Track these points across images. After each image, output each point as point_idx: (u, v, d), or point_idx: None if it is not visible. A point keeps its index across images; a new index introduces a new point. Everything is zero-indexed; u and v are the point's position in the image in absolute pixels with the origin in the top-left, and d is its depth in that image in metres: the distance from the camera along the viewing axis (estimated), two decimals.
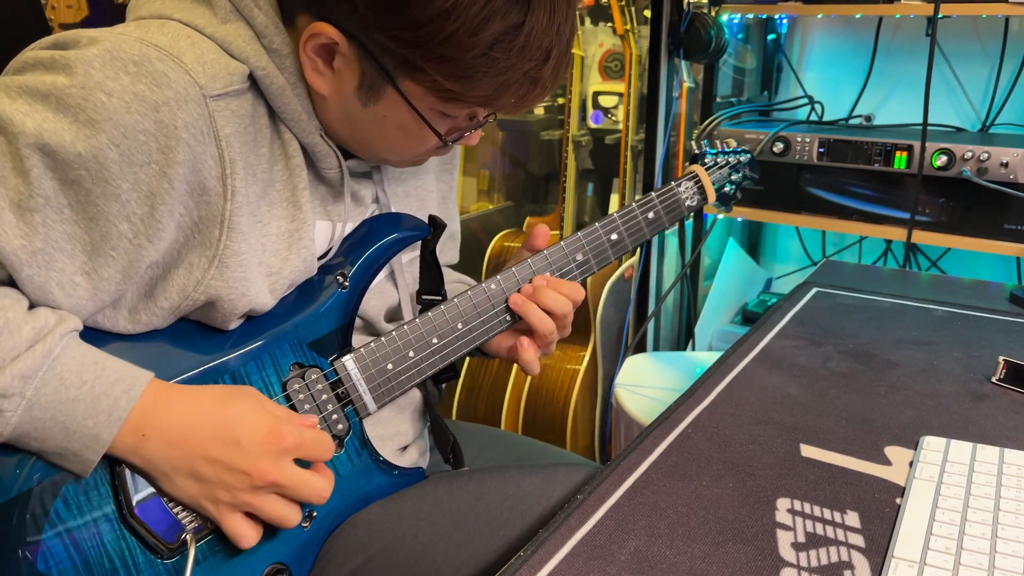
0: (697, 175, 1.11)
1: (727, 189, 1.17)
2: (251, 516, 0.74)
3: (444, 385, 1.03)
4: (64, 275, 0.68)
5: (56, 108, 0.65)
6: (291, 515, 0.75)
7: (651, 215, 1.03)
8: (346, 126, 0.81)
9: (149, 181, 0.68)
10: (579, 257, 0.97)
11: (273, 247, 0.78)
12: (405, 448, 0.97)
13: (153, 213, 0.69)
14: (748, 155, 1.20)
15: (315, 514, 0.82)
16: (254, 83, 0.75)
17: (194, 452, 0.71)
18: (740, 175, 1.19)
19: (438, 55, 0.71)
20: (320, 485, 0.75)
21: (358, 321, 0.89)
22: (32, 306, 0.68)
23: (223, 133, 0.71)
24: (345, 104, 0.79)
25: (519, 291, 0.92)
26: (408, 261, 0.96)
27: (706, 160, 1.15)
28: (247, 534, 0.73)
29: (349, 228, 0.88)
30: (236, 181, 0.72)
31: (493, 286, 0.91)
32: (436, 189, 1.01)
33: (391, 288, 0.93)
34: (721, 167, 1.15)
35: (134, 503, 0.71)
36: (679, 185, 1.08)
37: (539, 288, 0.91)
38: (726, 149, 1.18)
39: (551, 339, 0.93)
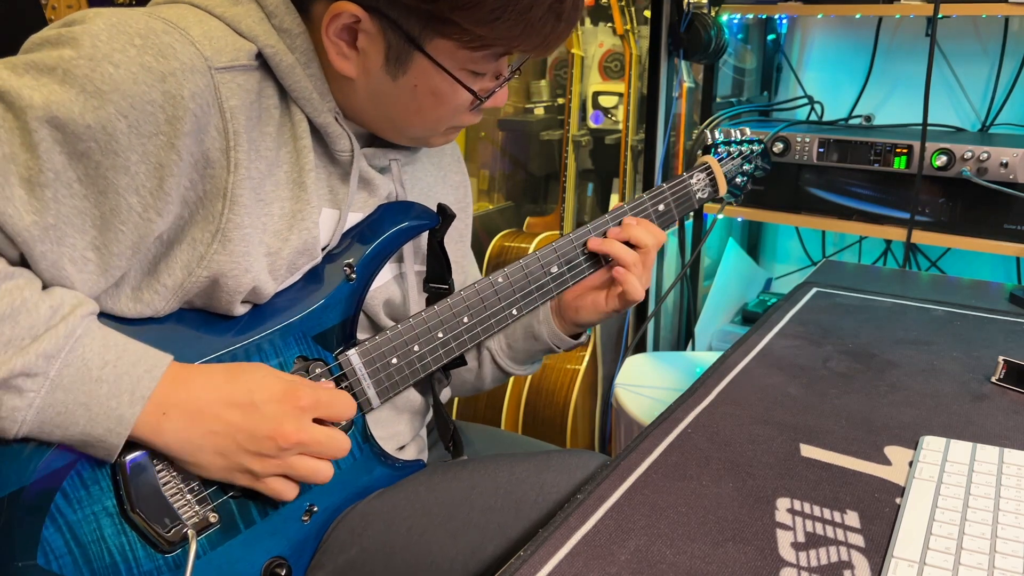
0: (710, 166, 1.09)
1: (739, 180, 1.15)
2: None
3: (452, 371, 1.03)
4: (76, 250, 0.68)
5: (63, 80, 0.65)
6: (324, 469, 0.77)
7: (661, 207, 1.02)
8: (377, 107, 0.82)
9: (157, 152, 0.68)
10: (589, 250, 0.97)
11: (275, 227, 0.78)
12: (403, 447, 0.97)
13: (162, 185, 0.69)
14: (761, 145, 1.18)
15: (315, 508, 0.82)
16: (264, 63, 0.76)
17: (214, 423, 0.72)
18: (752, 166, 1.17)
19: (463, 1, 0.73)
20: (341, 438, 0.78)
21: (364, 313, 0.89)
22: (45, 286, 0.69)
23: (228, 105, 0.71)
24: (374, 83, 0.79)
25: (604, 236, 0.99)
26: (416, 251, 0.96)
27: (719, 150, 1.13)
28: (286, 490, 0.76)
29: (356, 216, 0.87)
30: (239, 154, 0.73)
31: (500, 279, 0.91)
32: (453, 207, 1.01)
33: (398, 279, 0.93)
34: (734, 158, 1.14)
35: (134, 497, 0.71)
36: (691, 177, 1.07)
37: (628, 224, 0.98)
38: (739, 138, 1.16)
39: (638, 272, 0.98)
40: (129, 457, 0.71)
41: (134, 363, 0.69)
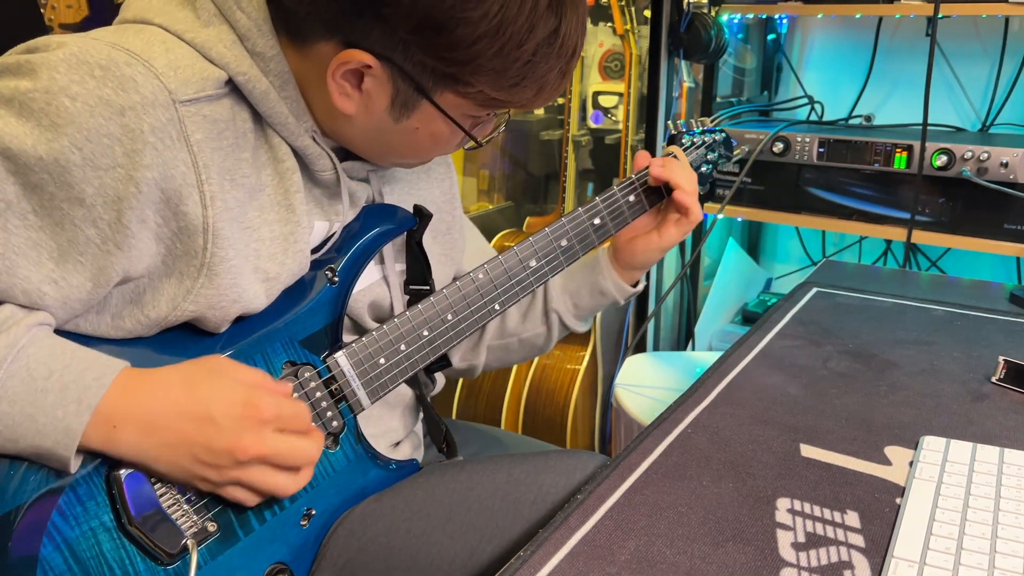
0: (675, 156, 1.11)
1: (704, 169, 1.17)
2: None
3: (437, 374, 1.03)
4: (30, 283, 0.67)
5: (19, 113, 0.64)
6: (286, 483, 0.74)
7: (632, 198, 1.03)
8: (370, 140, 0.82)
9: (115, 185, 0.67)
10: (563, 243, 0.98)
11: (268, 252, 0.78)
12: (398, 444, 0.97)
13: (120, 218, 0.68)
14: (723, 134, 1.21)
15: (313, 512, 0.82)
16: (235, 88, 0.74)
17: (169, 436, 0.69)
18: (716, 154, 1.19)
19: (487, 69, 0.74)
20: (307, 447, 0.74)
21: (349, 315, 0.89)
22: None
23: (194, 138, 0.70)
24: (374, 121, 0.79)
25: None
26: (398, 251, 0.96)
27: (683, 141, 1.15)
28: (247, 498, 0.74)
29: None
30: (212, 187, 0.71)
31: (481, 275, 0.92)
32: (438, 200, 1.01)
33: (381, 281, 0.93)
34: (698, 147, 1.16)
35: (132, 511, 0.70)
36: None
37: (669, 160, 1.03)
38: (702, 128, 1.18)
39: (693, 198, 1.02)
40: (124, 471, 0.70)
41: (82, 372, 0.67)
